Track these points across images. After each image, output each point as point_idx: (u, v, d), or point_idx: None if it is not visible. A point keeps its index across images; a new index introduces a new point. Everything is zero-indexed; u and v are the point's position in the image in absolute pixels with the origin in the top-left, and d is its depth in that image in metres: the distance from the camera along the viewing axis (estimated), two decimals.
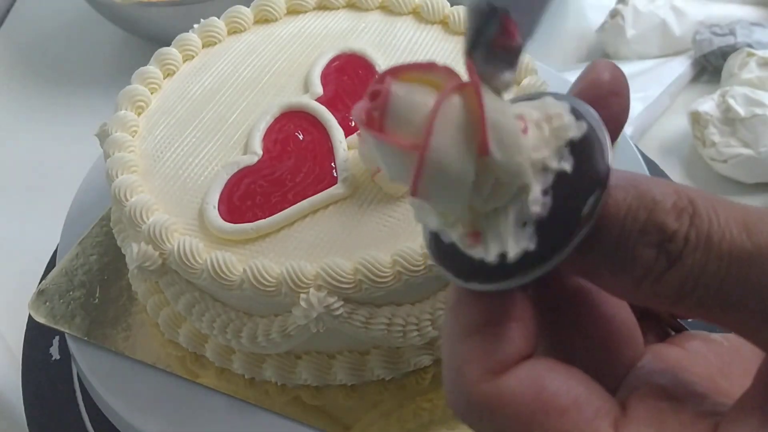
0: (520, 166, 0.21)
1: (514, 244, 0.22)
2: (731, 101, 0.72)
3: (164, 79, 0.57)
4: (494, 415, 0.22)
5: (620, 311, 0.26)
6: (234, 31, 0.60)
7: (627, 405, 0.23)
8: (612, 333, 0.26)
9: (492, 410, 0.22)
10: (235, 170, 0.49)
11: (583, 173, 0.22)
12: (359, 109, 0.21)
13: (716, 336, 0.27)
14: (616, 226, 0.22)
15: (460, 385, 0.23)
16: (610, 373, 0.25)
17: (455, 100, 0.21)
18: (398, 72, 0.22)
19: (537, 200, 0.22)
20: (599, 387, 0.23)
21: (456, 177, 0.21)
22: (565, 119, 0.22)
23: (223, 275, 0.44)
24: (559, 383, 0.22)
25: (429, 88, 0.21)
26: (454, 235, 0.23)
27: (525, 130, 0.22)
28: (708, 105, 0.75)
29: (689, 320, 0.27)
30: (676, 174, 0.76)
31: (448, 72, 0.21)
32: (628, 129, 0.78)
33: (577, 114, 0.23)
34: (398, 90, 0.21)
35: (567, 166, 0.22)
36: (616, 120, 0.24)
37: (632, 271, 0.22)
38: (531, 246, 0.22)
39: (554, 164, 0.22)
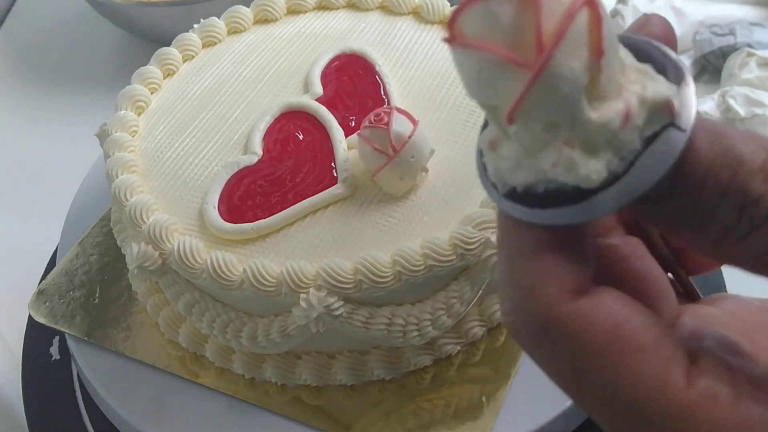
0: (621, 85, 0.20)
1: (603, 167, 0.20)
2: (731, 101, 0.72)
3: (164, 79, 0.57)
4: (570, 339, 0.21)
5: (654, 268, 0.25)
6: (234, 31, 0.60)
7: (695, 357, 0.21)
8: (648, 289, 0.25)
9: (569, 334, 0.21)
10: (235, 170, 0.49)
11: None
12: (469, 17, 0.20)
13: (746, 297, 0.26)
14: (694, 184, 0.20)
15: (533, 304, 0.21)
16: None
17: (582, 15, 0.20)
18: None
19: (635, 127, 0.20)
20: (673, 332, 0.22)
21: (570, 86, 0.20)
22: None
23: (223, 275, 0.44)
24: (640, 319, 0.21)
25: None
26: (546, 157, 0.21)
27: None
28: (708, 105, 0.75)
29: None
30: None
31: None
32: None
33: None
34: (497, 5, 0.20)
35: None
36: None
37: (710, 231, 0.20)
38: (619, 169, 0.20)
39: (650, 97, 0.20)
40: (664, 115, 0.20)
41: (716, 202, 0.20)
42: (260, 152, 0.50)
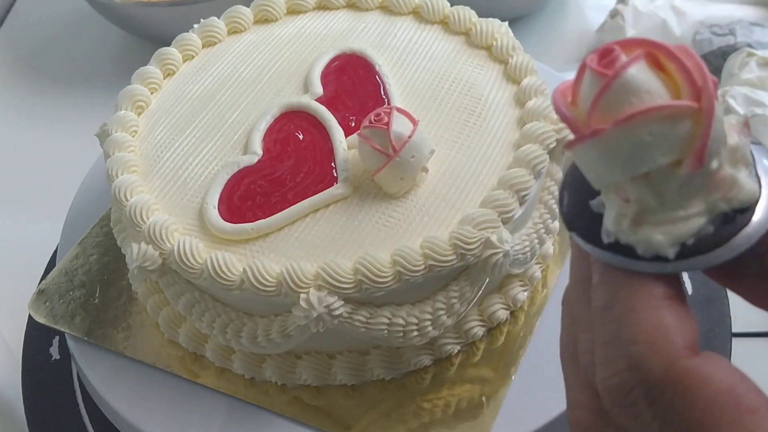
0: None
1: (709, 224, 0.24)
2: (731, 101, 0.72)
3: (164, 79, 0.57)
4: (690, 393, 0.22)
5: None
6: (234, 31, 0.60)
7: None
8: None
9: (690, 388, 0.22)
10: (235, 170, 0.49)
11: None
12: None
13: None
14: None
15: (655, 357, 0.22)
16: None
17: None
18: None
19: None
20: None
21: (721, 124, 0.23)
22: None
23: (222, 275, 0.44)
24: (751, 383, 0.22)
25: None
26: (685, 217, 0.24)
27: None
28: None
29: None
30: None
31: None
32: None
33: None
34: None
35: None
36: None
37: None
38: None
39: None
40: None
41: None
42: (260, 152, 0.50)
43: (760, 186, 0.25)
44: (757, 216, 0.24)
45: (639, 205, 0.24)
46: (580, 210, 0.26)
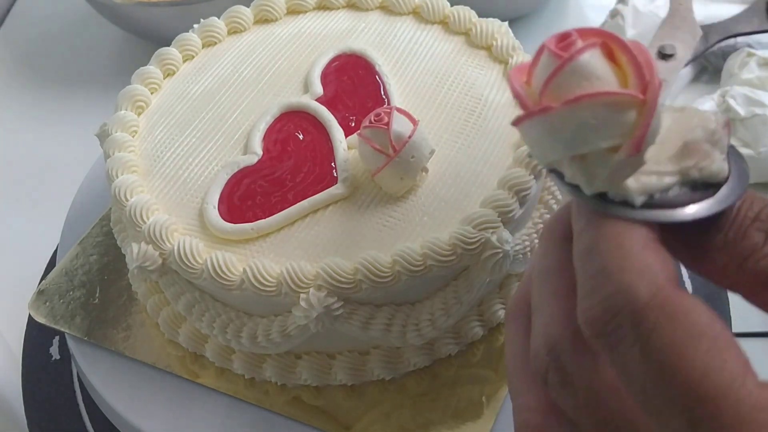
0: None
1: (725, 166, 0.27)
2: (731, 101, 0.72)
3: (164, 79, 0.57)
4: (673, 317, 0.23)
5: None
6: (234, 31, 0.60)
7: None
8: None
9: (673, 313, 0.23)
10: (235, 170, 0.49)
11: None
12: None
13: None
14: (734, 210, 0.26)
15: (642, 284, 0.24)
16: None
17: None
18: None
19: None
20: None
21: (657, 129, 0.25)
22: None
23: (223, 275, 0.44)
24: (723, 323, 0.25)
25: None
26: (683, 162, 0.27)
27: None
28: (708, 105, 0.75)
29: None
30: None
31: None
32: None
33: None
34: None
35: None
36: None
37: (740, 248, 0.26)
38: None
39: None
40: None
41: (749, 223, 0.26)
42: (260, 152, 0.50)
43: (729, 171, 0.27)
44: (723, 191, 0.26)
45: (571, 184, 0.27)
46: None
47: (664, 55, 0.29)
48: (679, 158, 0.26)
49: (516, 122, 0.25)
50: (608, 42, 0.25)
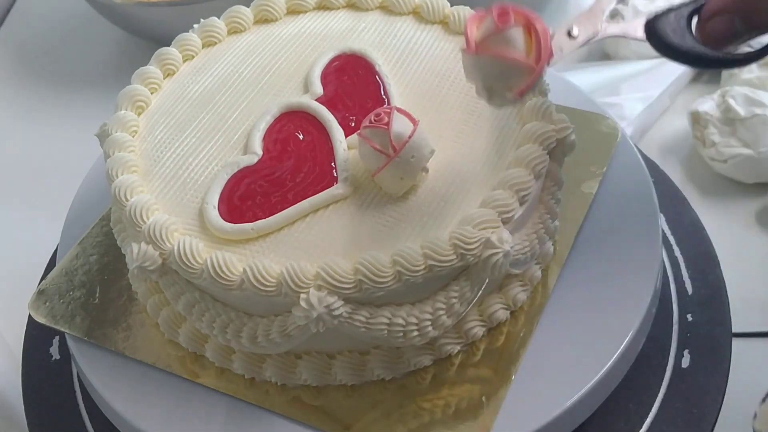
0: None
1: None
2: (731, 101, 0.72)
3: (164, 79, 0.57)
4: None
5: None
6: (234, 31, 0.60)
7: None
8: None
9: None
10: (235, 170, 0.49)
11: None
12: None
13: None
14: None
15: None
16: None
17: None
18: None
19: None
20: None
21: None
22: None
23: (223, 275, 0.44)
24: None
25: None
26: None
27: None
28: (708, 105, 0.75)
29: None
30: (676, 174, 0.76)
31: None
32: (628, 129, 0.78)
33: None
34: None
35: None
36: None
37: None
38: None
39: None
40: None
41: None
42: (260, 152, 0.50)
43: None
44: None
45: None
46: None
47: (570, 35, 0.44)
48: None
49: (463, 51, 0.40)
50: (529, 23, 0.39)
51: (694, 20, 0.41)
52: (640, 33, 0.44)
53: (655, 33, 0.43)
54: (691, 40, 0.41)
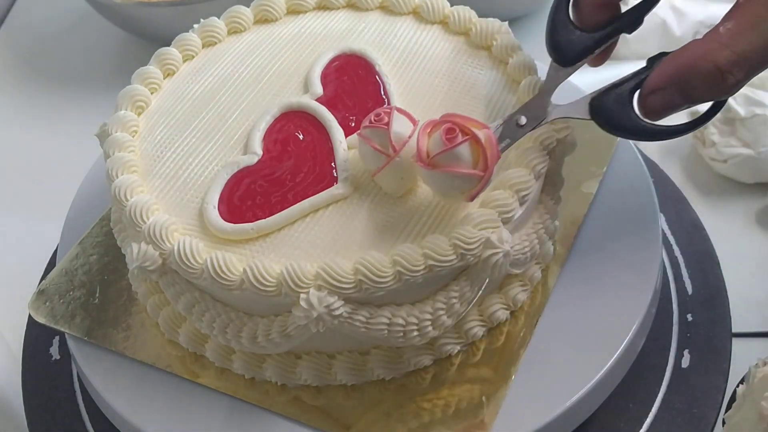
0: None
1: None
2: (731, 101, 0.72)
3: (164, 79, 0.57)
4: None
5: None
6: (234, 31, 0.60)
7: None
8: None
9: None
10: (235, 170, 0.49)
11: None
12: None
13: None
14: None
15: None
16: None
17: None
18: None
19: None
20: None
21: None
22: None
23: (223, 275, 0.44)
24: None
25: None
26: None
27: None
28: (707, 104, 0.74)
29: None
30: (676, 174, 0.76)
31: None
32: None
33: None
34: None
35: None
36: None
37: None
38: None
39: None
40: None
41: None
42: (260, 152, 0.50)
43: None
44: None
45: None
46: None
47: (518, 124, 0.46)
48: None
49: (415, 161, 0.43)
50: (475, 138, 0.42)
51: (636, 95, 0.44)
52: (585, 112, 0.45)
53: (600, 111, 0.45)
54: (634, 116, 0.44)
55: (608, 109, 0.45)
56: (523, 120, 0.46)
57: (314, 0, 0.62)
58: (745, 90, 0.73)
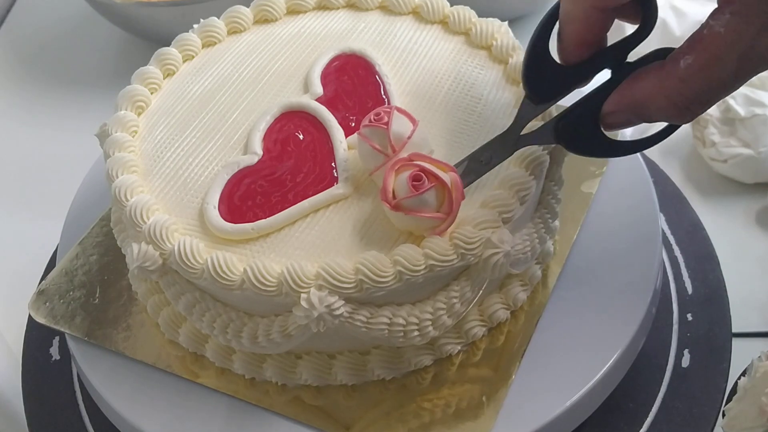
0: None
1: None
2: (731, 101, 0.72)
3: (164, 79, 0.57)
4: None
5: None
6: (234, 31, 0.60)
7: None
8: None
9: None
10: (235, 170, 0.49)
11: None
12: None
13: None
14: None
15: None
16: None
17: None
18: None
19: None
20: None
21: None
22: None
23: (223, 275, 0.44)
24: None
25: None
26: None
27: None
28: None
29: None
30: (676, 174, 0.76)
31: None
32: (628, 129, 0.78)
33: None
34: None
35: None
36: None
37: None
38: None
39: None
40: None
41: None
42: (260, 152, 0.50)
43: None
44: None
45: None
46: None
47: (481, 162, 0.47)
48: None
49: (382, 201, 0.44)
50: (441, 183, 0.42)
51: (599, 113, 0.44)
52: (551, 138, 0.45)
53: (564, 136, 0.45)
54: (600, 134, 0.45)
55: (573, 132, 0.45)
56: (489, 158, 0.46)
57: (314, 0, 0.62)
58: (745, 90, 0.73)
